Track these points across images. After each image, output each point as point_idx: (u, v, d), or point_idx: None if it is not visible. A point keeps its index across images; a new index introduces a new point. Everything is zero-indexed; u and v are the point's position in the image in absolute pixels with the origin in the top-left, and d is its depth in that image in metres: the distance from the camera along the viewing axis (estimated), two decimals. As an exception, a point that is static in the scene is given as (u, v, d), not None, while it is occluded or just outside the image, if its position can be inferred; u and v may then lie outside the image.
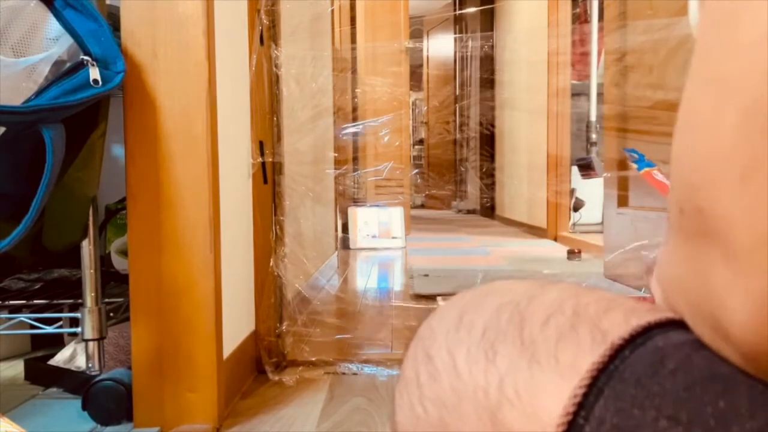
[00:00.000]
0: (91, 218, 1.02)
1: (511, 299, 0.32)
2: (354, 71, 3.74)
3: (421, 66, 6.91)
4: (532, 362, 0.28)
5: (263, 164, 1.37)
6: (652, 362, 0.25)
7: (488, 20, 5.64)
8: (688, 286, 0.26)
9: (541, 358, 0.27)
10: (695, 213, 0.24)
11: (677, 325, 0.27)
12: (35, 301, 1.13)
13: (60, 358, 1.28)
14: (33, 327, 1.07)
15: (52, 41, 0.90)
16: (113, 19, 1.03)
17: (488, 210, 5.65)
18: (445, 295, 2.08)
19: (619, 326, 0.27)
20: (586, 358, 0.26)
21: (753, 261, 0.22)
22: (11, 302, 1.12)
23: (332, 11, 2.96)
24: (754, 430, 0.21)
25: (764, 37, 0.21)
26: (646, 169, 1.14)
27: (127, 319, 1.08)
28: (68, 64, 0.90)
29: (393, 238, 3.74)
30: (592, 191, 3.49)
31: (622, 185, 2.33)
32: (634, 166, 1.18)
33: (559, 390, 0.26)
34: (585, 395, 0.25)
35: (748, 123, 0.21)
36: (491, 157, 5.47)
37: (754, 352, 0.23)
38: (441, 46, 6.75)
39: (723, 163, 0.22)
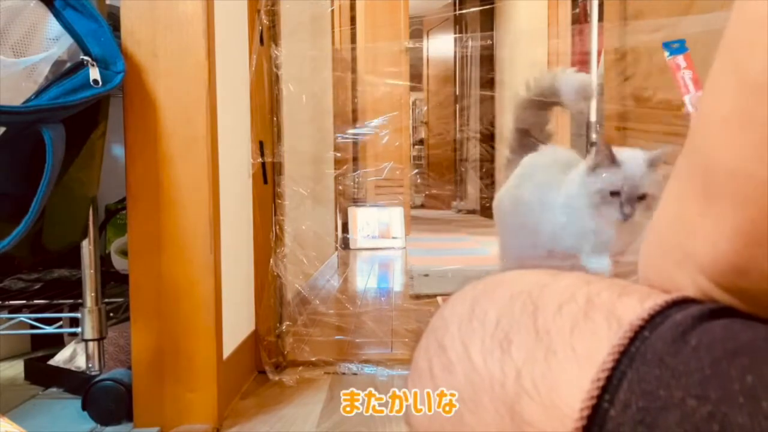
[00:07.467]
0: (91, 218, 1.02)
1: (523, 288, 0.32)
2: (354, 71, 3.74)
3: (421, 66, 6.90)
4: (549, 353, 0.27)
5: (263, 164, 1.37)
6: (674, 339, 0.25)
7: (488, 20, 5.63)
8: (666, 237, 0.27)
9: (558, 349, 0.27)
10: (692, 164, 0.26)
11: (694, 302, 0.27)
12: (35, 301, 1.13)
13: (60, 358, 1.28)
14: (33, 327, 1.07)
15: (52, 41, 0.90)
16: (113, 19, 1.03)
17: (488, 210, 5.64)
18: (445, 296, 2.08)
19: (634, 311, 0.27)
20: (603, 346, 0.26)
21: (728, 188, 0.23)
22: (11, 302, 1.12)
23: (332, 11, 2.96)
24: None
25: (765, 16, 0.23)
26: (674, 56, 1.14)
27: (127, 319, 1.08)
28: (68, 64, 0.90)
29: (393, 238, 3.74)
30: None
31: (622, 185, 2.33)
32: (666, 53, 1.18)
33: (577, 381, 0.26)
34: (608, 378, 0.25)
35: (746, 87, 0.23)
36: (491, 157, 5.47)
37: (726, 280, 0.24)
38: (441, 46, 6.74)
39: (722, 118, 0.24)
